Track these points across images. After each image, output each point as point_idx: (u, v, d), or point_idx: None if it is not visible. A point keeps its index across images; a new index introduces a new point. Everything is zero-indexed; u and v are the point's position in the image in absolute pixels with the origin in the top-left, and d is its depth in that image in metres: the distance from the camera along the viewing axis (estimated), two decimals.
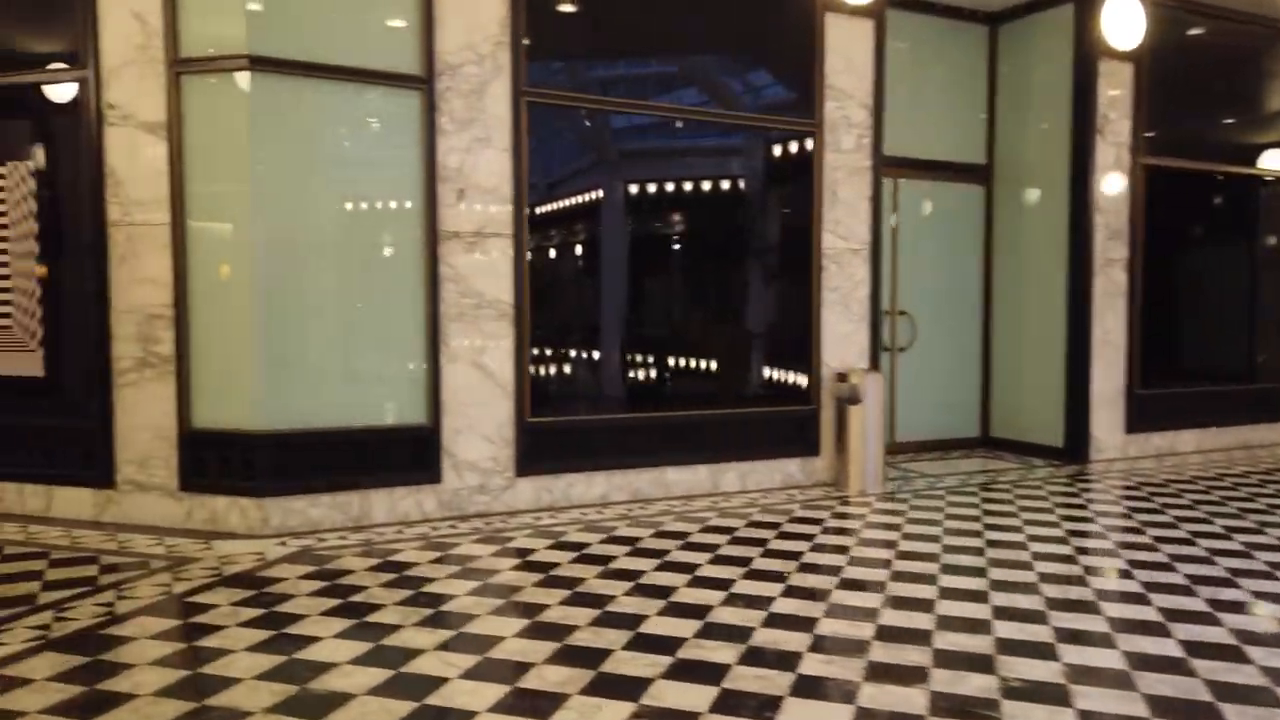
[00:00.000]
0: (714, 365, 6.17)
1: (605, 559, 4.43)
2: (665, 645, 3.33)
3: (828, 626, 3.53)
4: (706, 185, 6.15)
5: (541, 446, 5.44)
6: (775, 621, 3.58)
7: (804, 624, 3.56)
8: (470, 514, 5.25)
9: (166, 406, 4.91)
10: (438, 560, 4.40)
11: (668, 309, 6.27)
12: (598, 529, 5.01)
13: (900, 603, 3.81)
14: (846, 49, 6.16)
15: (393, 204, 5.09)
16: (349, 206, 5.05)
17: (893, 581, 4.10)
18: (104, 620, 3.56)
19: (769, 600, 3.83)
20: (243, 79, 4.74)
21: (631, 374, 5.97)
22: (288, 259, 4.92)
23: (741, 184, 6.32)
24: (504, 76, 5.24)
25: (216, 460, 4.88)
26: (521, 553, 4.54)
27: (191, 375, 4.89)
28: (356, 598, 3.86)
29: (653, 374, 6.02)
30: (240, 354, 4.84)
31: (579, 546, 4.64)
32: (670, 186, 6.08)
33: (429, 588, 3.99)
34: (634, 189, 5.96)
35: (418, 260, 5.12)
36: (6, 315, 5.15)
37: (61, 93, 5.01)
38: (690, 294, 6.29)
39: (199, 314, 4.88)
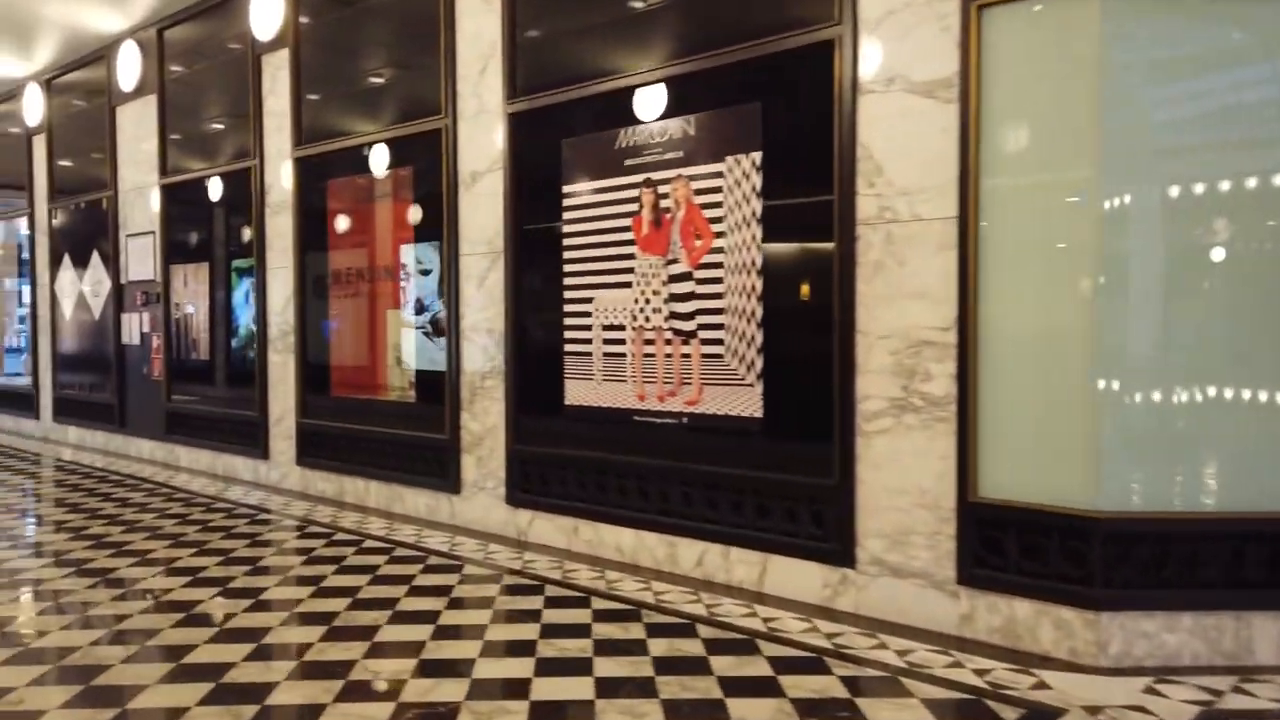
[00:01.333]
0: None
1: None
2: None
3: None
4: None
5: None
6: None
7: None
8: None
9: (937, 466, 3.61)
10: None
11: None
12: None
13: None
14: None
15: None
16: (1227, 178, 3.34)
17: None
18: None
19: None
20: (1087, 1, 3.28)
21: None
22: (1131, 257, 3.35)
23: None
24: None
25: (1018, 547, 3.45)
26: None
27: (979, 425, 3.53)
28: None
29: None
30: (1060, 398, 3.36)
31: None
32: None
33: None
34: None
35: None
36: (718, 342, 4.27)
37: (799, 61, 3.99)
38: None
39: (992, 342, 3.50)
